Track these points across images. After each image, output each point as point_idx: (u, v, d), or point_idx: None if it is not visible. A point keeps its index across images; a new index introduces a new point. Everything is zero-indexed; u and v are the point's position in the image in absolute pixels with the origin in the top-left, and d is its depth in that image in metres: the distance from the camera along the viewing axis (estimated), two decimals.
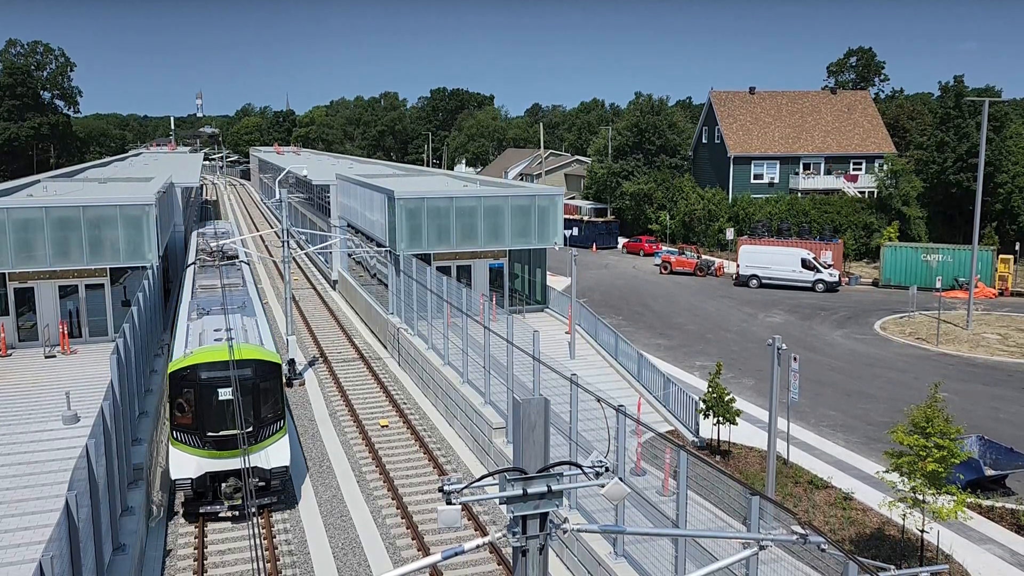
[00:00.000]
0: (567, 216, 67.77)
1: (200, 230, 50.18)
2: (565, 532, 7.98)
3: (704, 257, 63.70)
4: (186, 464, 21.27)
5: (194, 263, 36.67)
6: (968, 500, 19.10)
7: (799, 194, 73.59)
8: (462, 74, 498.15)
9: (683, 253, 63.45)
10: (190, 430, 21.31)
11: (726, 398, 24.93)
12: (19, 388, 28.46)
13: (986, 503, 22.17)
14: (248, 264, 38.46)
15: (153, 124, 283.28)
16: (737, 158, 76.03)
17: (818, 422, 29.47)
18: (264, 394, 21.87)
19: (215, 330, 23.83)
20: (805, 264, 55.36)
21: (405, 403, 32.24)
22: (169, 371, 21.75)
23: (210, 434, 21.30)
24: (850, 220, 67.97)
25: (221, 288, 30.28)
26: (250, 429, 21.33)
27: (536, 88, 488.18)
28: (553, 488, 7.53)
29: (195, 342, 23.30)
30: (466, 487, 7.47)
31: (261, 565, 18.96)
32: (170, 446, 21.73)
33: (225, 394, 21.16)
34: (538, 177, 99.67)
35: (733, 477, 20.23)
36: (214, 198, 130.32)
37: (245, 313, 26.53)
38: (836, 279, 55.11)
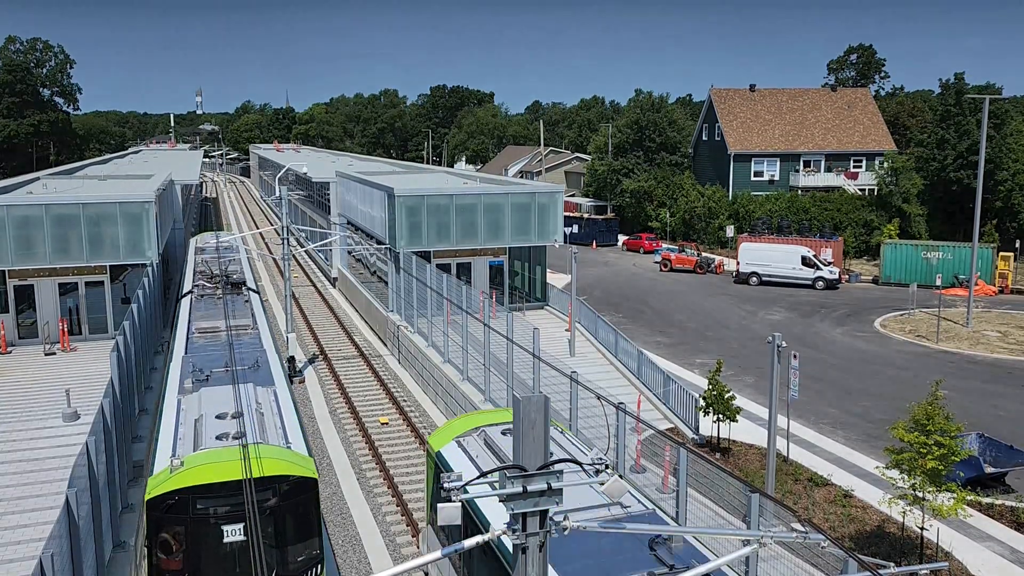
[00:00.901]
0: (567, 213, 67.63)
1: (199, 244, 40.97)
2: (565, 529, 7.98)
3: (704, 254, 63.70)
4: None
5: (191, 291, 28.72)
6: (968, 497, 19.04)
7: (799, 191, 73.56)
8: (462, 71, 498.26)
9: (683, 251, 63.41)
10: None
11: (726, 395, 24.94)
12: (19, 385, 28.52)
13: (986, 501, 22.17)
14: (257, 292, 30.81)
15: (153, 121, 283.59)
16: (737, 155, 75.98)
17: (818, 419, 29.47)
18: (295, 528, 14.29)
19: (218, 416, 15.87)
20: (805, 261, 55.35)
21: (405, 400, 32.24)
22: (147, 496, 13.54)
23: None
24: (850, 217, 67.97)
25: (226, 332, 22.76)
26: None
27: (536, 85, 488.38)
28: (553, 485, 7.53)
29: (189, 439, 15.21)
30: (466, 484, 7.47)
31: None
32: None
33: (234, 533, 13.73)
34: (538, 174, 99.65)
35: (733, 474, 20.23)
36: (214, 195, 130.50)
37: (259, 381, 18.33)
38: (836, 276, 55.10)
